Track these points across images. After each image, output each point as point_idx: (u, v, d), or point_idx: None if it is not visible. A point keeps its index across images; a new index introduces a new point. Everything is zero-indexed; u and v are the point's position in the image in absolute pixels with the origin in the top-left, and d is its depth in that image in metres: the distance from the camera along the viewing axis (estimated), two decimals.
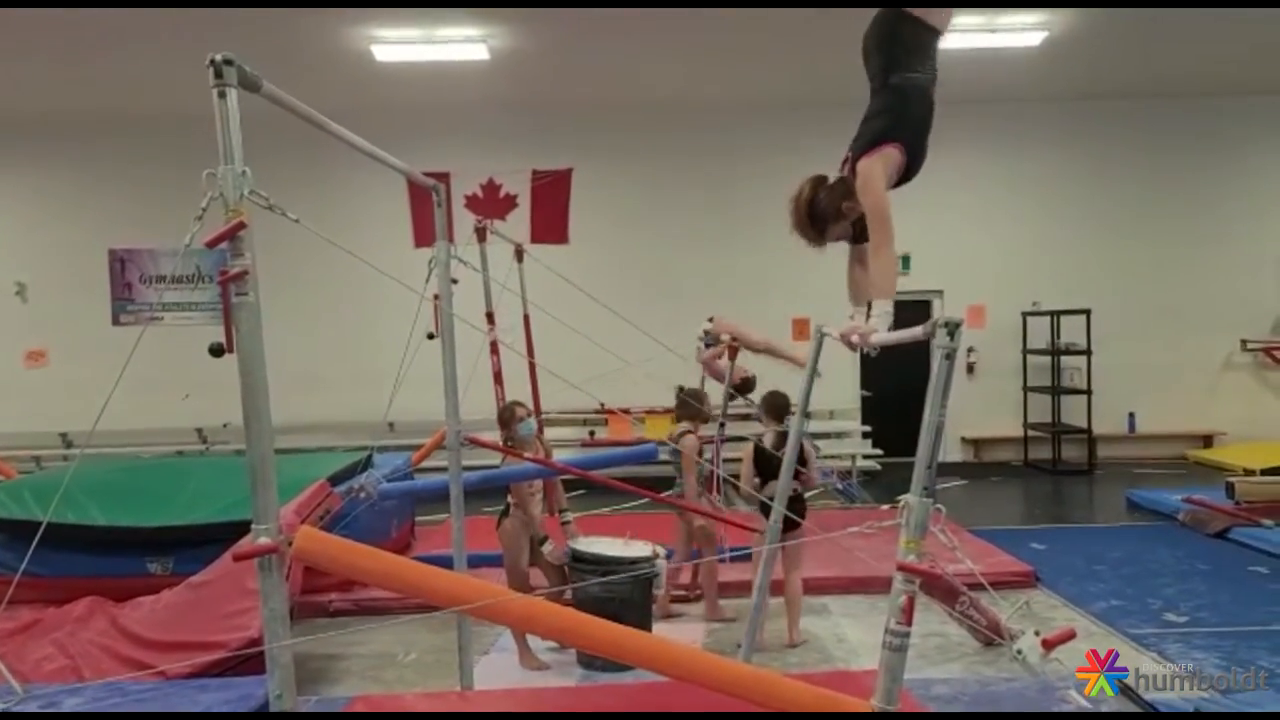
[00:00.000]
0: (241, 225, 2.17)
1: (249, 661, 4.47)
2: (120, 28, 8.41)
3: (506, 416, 5.30)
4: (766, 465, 5.23)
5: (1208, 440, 11.81)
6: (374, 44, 9.13)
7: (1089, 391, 11.10)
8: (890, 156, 2.98)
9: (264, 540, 2.24)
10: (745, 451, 5.44)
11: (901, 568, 2.23)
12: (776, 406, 5.48)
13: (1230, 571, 6.38)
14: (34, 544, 2.83)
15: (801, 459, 4.54)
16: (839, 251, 3.29)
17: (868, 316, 2.97)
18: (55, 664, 4.75)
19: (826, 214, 3.05)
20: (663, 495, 5.88)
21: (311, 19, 8.39)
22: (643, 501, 7.28)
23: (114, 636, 4.93)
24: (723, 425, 6.59)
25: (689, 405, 6.01)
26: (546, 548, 5.08)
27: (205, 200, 2.16)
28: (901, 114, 3.05)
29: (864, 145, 3.02)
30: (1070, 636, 2.30)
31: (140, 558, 5.63)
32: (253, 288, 2.22)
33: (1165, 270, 11.86)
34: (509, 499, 5.14)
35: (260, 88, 2.32)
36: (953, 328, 2.19)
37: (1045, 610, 5.71)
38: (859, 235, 3.13)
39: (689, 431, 5.92)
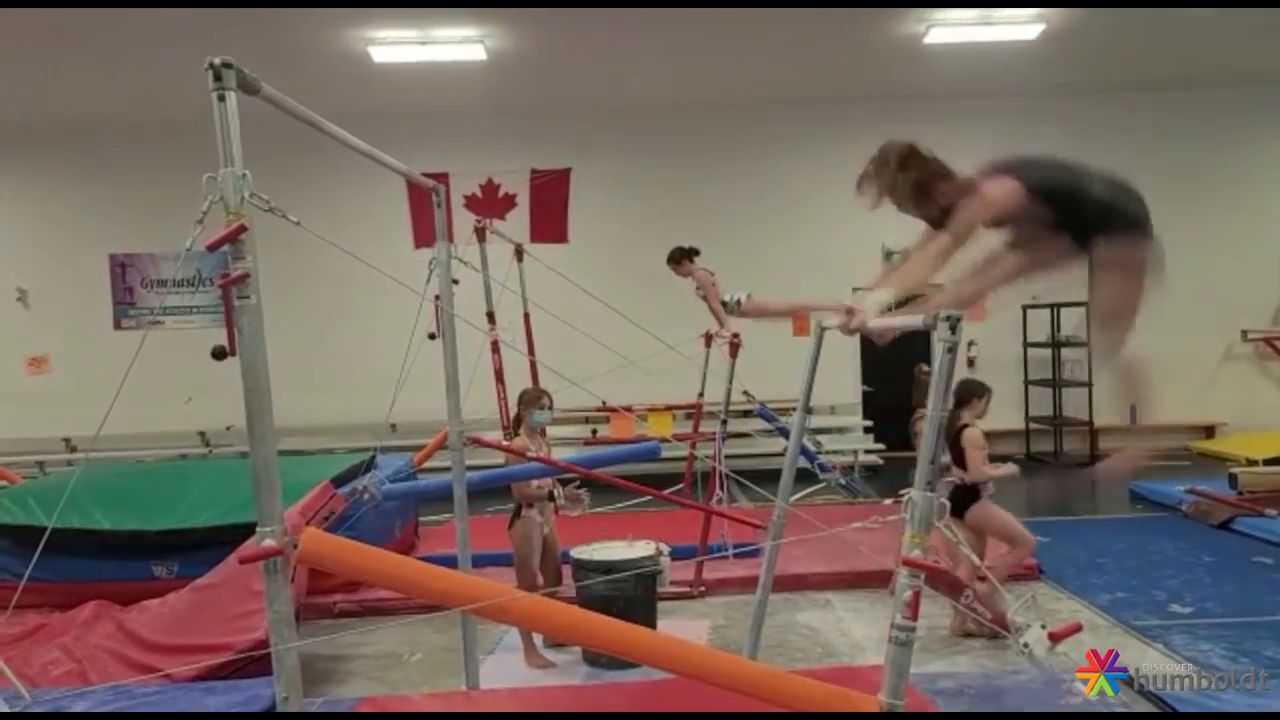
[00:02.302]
0: (243, 229, 2.16)
1: (256, 663, 4.46)
2: (117, 31, 8.41)
3: (529, 398, 5.28)
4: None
5: (1209, 431, 11.81)
6: (371, 45, 9.12)
7: (1090, 384, 11.08)
8: (1012, 193, 2.95)
9: (269, 543, 2.23)
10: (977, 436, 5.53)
11: (907, 563, 2.23)
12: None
13: (1234, 562, 6.38)
14: (39, 549, 2.84)
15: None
16: (837, 250, 3.29)
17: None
18: (62, 668, 4.76)
19: (919, 183, 2.96)
20: (667, 493, 5.87)
21: (309, 21, 8.39)
22: (646, 499, 7.28)
23: (120, 640, 4.94)
24: (724, 422, 6.59)
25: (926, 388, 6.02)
26: (560, 502, 5.11)
27: (206, 204, 2.16)
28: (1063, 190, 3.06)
29: (1003, 170, 3.00)
30: (1076, 630, 2.30)
31: (145, 561, 5.65)
32: (254, 290, 2.22)
33: (1164, 260, 11.81)
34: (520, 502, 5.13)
35: (259, 90, 2.32)
36: (954, 321, 2.19)
37: (1049, 603, 5.71)
38: (935, 223, 2.97)
39: (923, 418, 5.91)
